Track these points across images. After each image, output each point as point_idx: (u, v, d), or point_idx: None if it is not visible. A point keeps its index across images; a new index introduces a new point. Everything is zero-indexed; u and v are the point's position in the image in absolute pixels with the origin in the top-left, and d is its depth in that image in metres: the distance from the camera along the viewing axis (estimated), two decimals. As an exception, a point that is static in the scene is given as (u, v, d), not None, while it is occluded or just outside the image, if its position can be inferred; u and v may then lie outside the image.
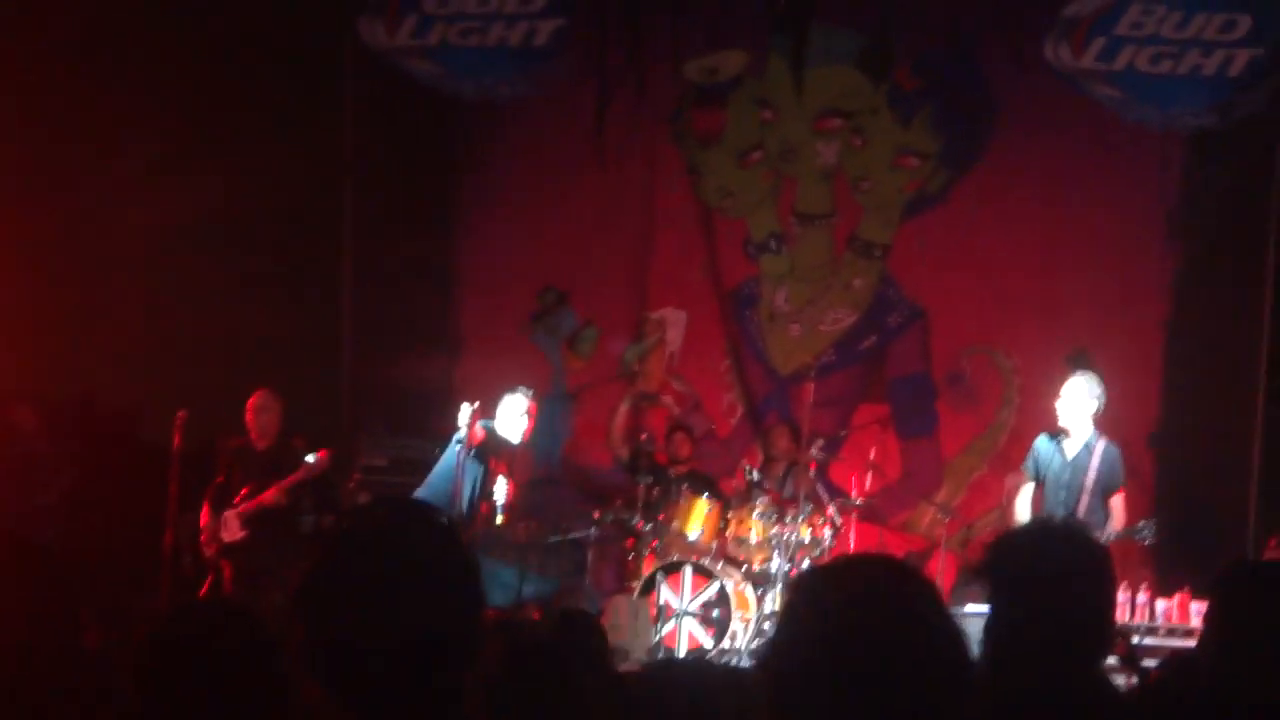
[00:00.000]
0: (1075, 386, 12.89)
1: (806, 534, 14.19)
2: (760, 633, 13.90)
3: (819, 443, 14.81)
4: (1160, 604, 13.61)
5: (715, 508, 14.45)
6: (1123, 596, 13.41)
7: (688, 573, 14.02)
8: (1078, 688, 4.26)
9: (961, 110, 16.26)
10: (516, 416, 13.48)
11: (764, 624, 13.96)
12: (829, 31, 16.23)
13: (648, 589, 14.03)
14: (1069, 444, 12.86)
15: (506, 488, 13.43)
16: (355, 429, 15.92)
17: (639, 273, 16.71)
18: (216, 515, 13.54)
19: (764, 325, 16.55)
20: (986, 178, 16.07)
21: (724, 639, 13.71)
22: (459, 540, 3.11)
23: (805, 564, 14.16)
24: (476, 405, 13.04)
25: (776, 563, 14.14)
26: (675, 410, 16.47)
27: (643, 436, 15.38)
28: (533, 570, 14.55)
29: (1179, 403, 15.53)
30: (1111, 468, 12.83)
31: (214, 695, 3.91)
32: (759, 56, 16.45)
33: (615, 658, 9.92)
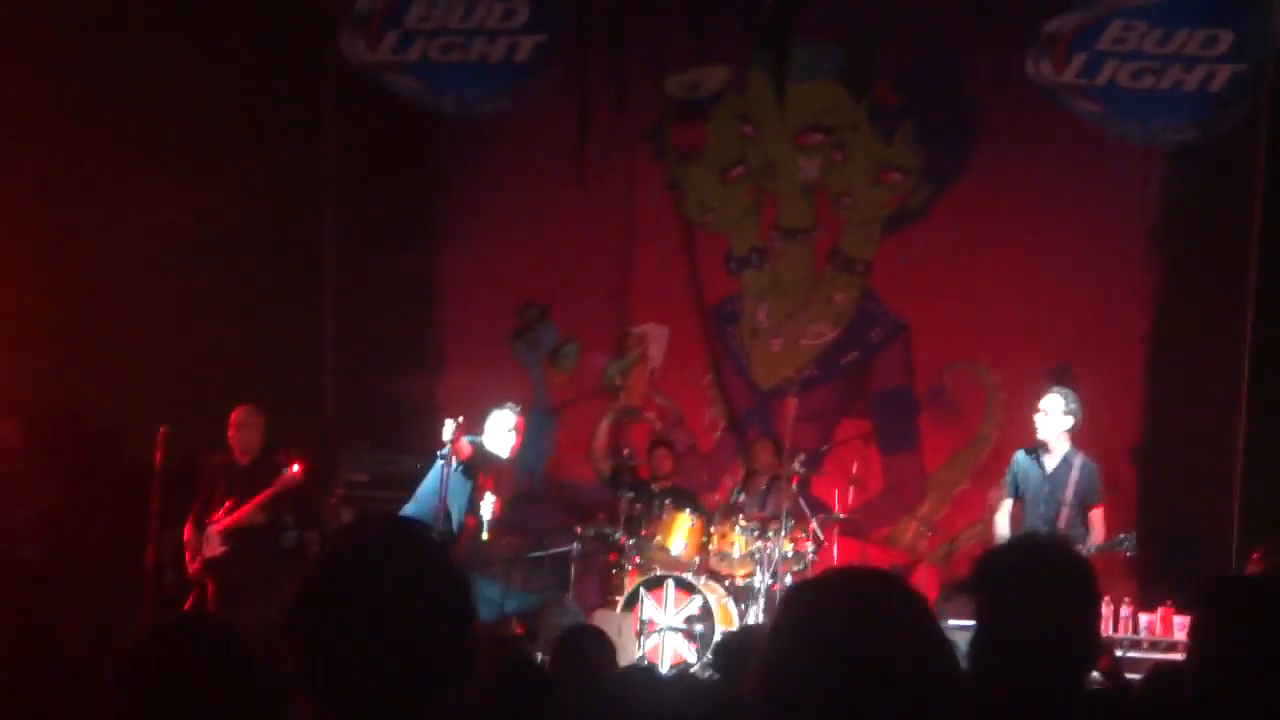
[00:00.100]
0: (1051, 402, 12.95)
1: (789, 548, 14.19)
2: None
3: (801, 457, 14.79)
4: (1143, 618, 13.63)
5: (698, 522, 14.44)
6: (1106, 610, 13.43)
7: (670, 587, 14.01)
8: (1063, 701, 4.26)
9: (943, 125, 16.28)
10: (504, 432, 13.44)
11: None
12: (810, 47, 16.24)
13: (630, 604, 14.02)
14: (1048, 459, 12.92)
15: (493, 503, 13.41)
16: (337, 444, 15.88)
17: (620, 288, 16.70)
18: (200, 531, 13.50)
19: (746, 340, 16.54)
20: (968, 193, 16.09)
21: (707, 653, 13.68)
22: (449, 556, 3.10)
23: (788, 579, 14.17)
24: (461, 420, 13.00)
25: (759, 577, 14.14)
26: (657, 425, 16.46)
27: (625, 452, 15.39)
28: (516, 585, 14.54)
29: (1161, 417, 15.54)
30: (1090, 482, 12.89)
31: (195, 712, 3.89)
32: (740, 72, 16.46)
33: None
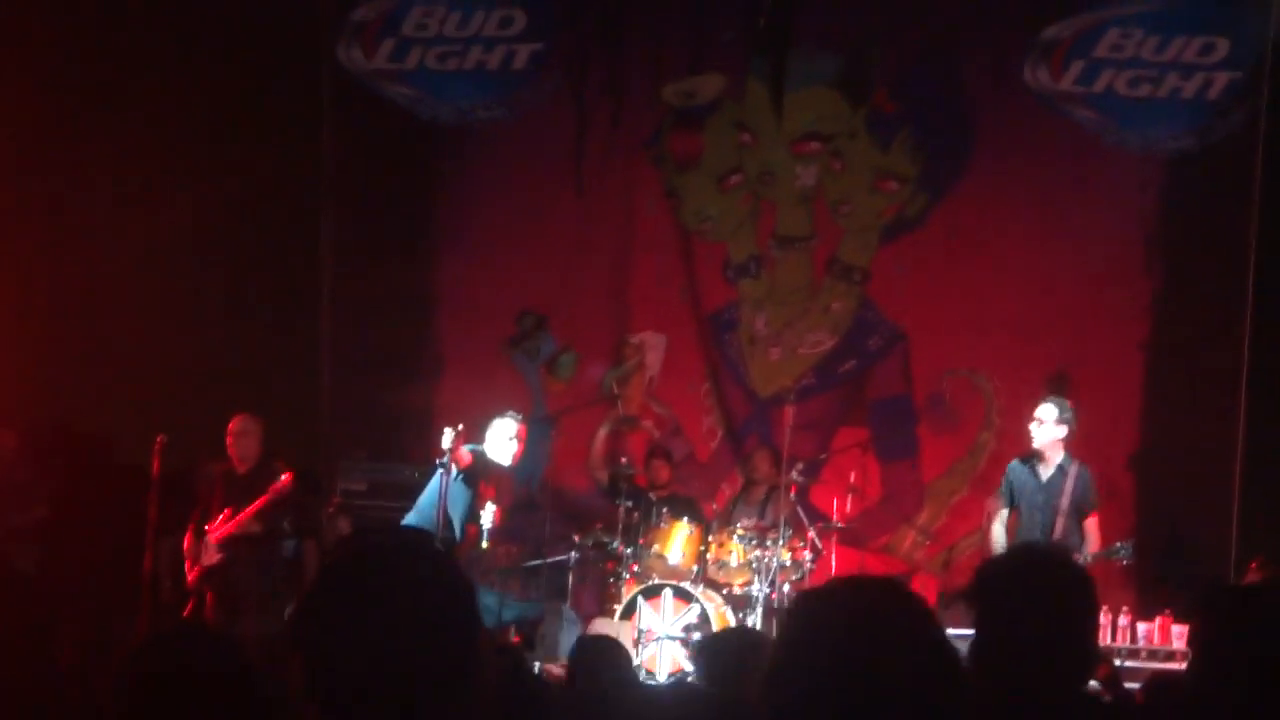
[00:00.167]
0: (1045, 411, 12.99)
1: (787, 557, 14.19)
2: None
3: (799, 466, 14.79)
4: (1141, 627, 13.62)
5: (696, 531, 14.43)
6: (1104, 619, 13.43)
7: (668, 596, 14.00)
8: (1061, 709, 4.26)
9: (940, 133, 16.28)
10: (506, 440, 13.47)
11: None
12: (807, 55, 16.23)
13: (628, 612, 14.00)
14: (1043, 468, 12.95)
15: (493, 512, 13.43)
16: (334, 453, 15.87)
17: (618, 296, 16.70)
18: (199, 540, 13.50)
19: (743, 348, 16.53)
20: (966, 201, 16.08)
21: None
22: (454, 565, 3.09)
23: (786, 587, 14.17)
24: (460, 429, 13.00)
25: (757, 586, 14.13)
26: (655, 434, 16.45)
27: (622, 460, 15.38)
28: (513, 594, 14.53)
29: (1159, 424, 15.53)
30: (1086, 490, 12.92)
31: (192, 720, 3.88)
32: (737, 80, 16.47)
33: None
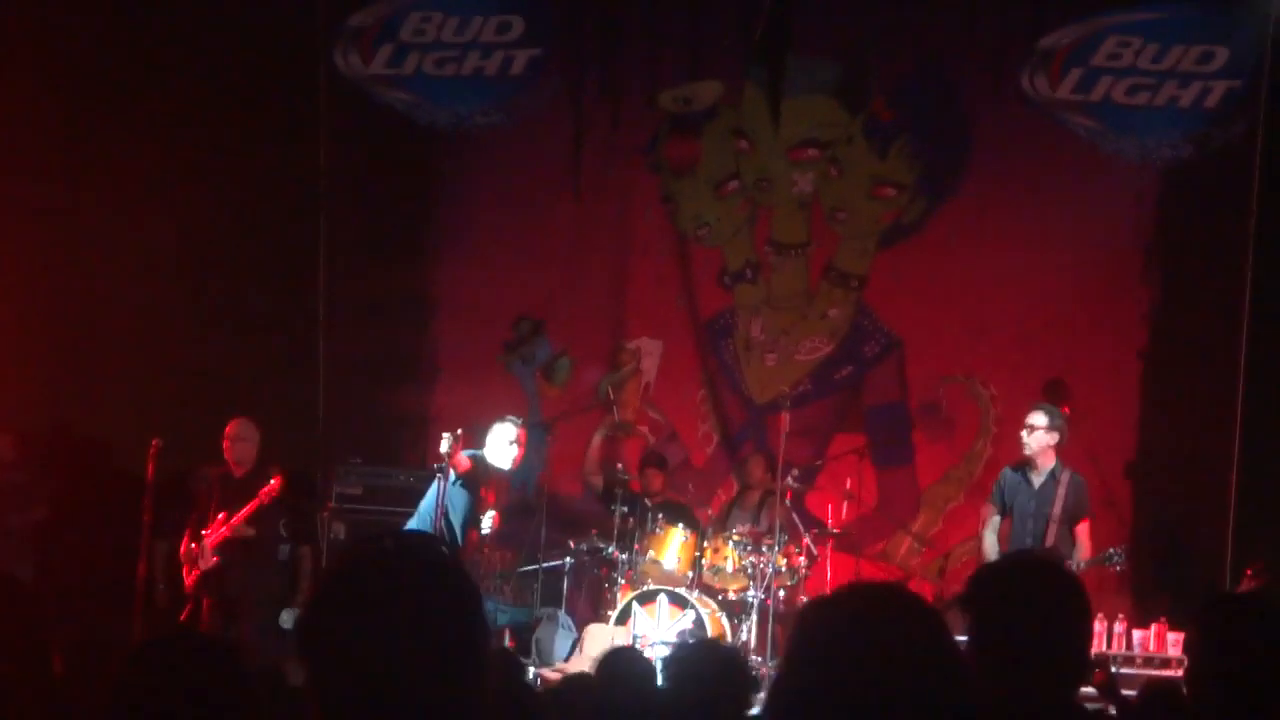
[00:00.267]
0: (1036, 418, 13.06)
1: (782, 563, 14.20)
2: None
3: (795, 472, 14.80)
4: (1137, 634, 13.64)
5: (691, 537, 14.45)
6: (1100, 626, 13.46)
7: (663, 601, 13.99)
8: (1054, 716, 4.26)
9: (938, 141, 16.28)
10: (506, 445, 13.49)
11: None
12: (805, 62, 16.23)
13: (623, 618, 14.00)
14: (1035, 475, 13.02)
15: (493, 518, 13.46)
16: (330, 457, 15.86)
17: (614, 302, 16.69)
18: (196, 544, 13.49)
19: (740, 355, 16.53)
20: (963, 208, 16.08)
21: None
22: (461, 570, 3.08)
23: (781, 593, 14.18)
24: (459, 434, 13.01)
25: (753, 592, 14.13)
26: (650, 440, 16.44)
27: (618, 465, 15.37)
28: (508, 599, 14.53)
29: (1156, 432, 15.53)
30: (1078, 497, 13.00)
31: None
32: (735, 86, 16.46)
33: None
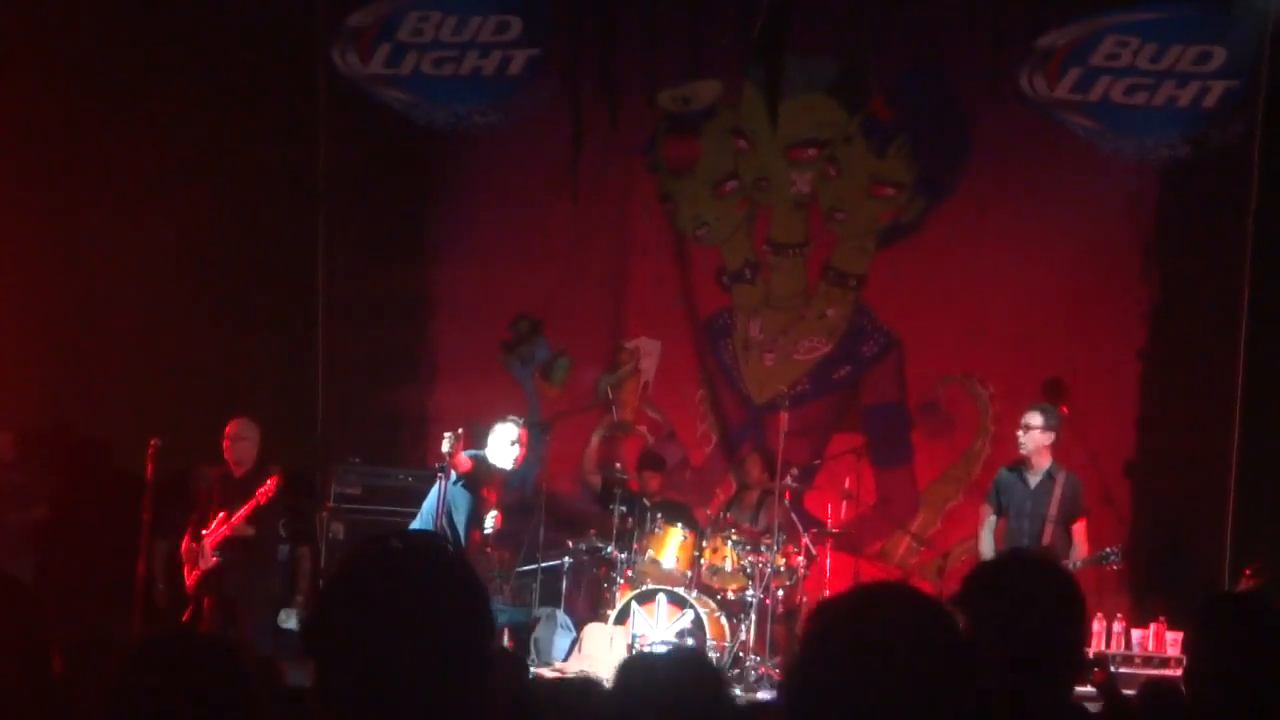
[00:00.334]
0: (1031, 418, 13.22)
1: (781, 563, 14.21)
2: (738, 660, 13.90)
3: (793, 472, 14.80)
4: (1136, 633, 13.66)
5: (690, 537, 14.45)
6: (1099, 626, 13.50)
7: (662, 601, 13.99)
8: (1047, 713, 4.27)
9: (936, 140, 16.28)
10: (508, 445, 13.54)
11: (738, 652, 13.97)
12: (804, 61, 16.24)
13: (622, 617, 14.00)
14: (1031, 475, 13.13)
15: (495, 518, 13.50)
16: (329, 457, 15.86)
17: (613, 302, 16.69)
18: (196, 544, 13.51)
19: (738, 354, 16.53)
20: (961, 208, 16.08)
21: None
22: (468, 569, 3.08)
23: (780, 593, 14.20)
24: (460, 433, 13.04)
25: (751, 592, 14.14)
26: (649, 439, 16.44)
27: (616, 465, 15.37)
28: (506, 599, 14.54)
29: (1155, 432, 15.54)
30: (1074, 497, 13.12)
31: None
32: (733, 86, 16.46)
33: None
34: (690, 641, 13.77)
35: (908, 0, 16.22)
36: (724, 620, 14.13)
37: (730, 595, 14.35)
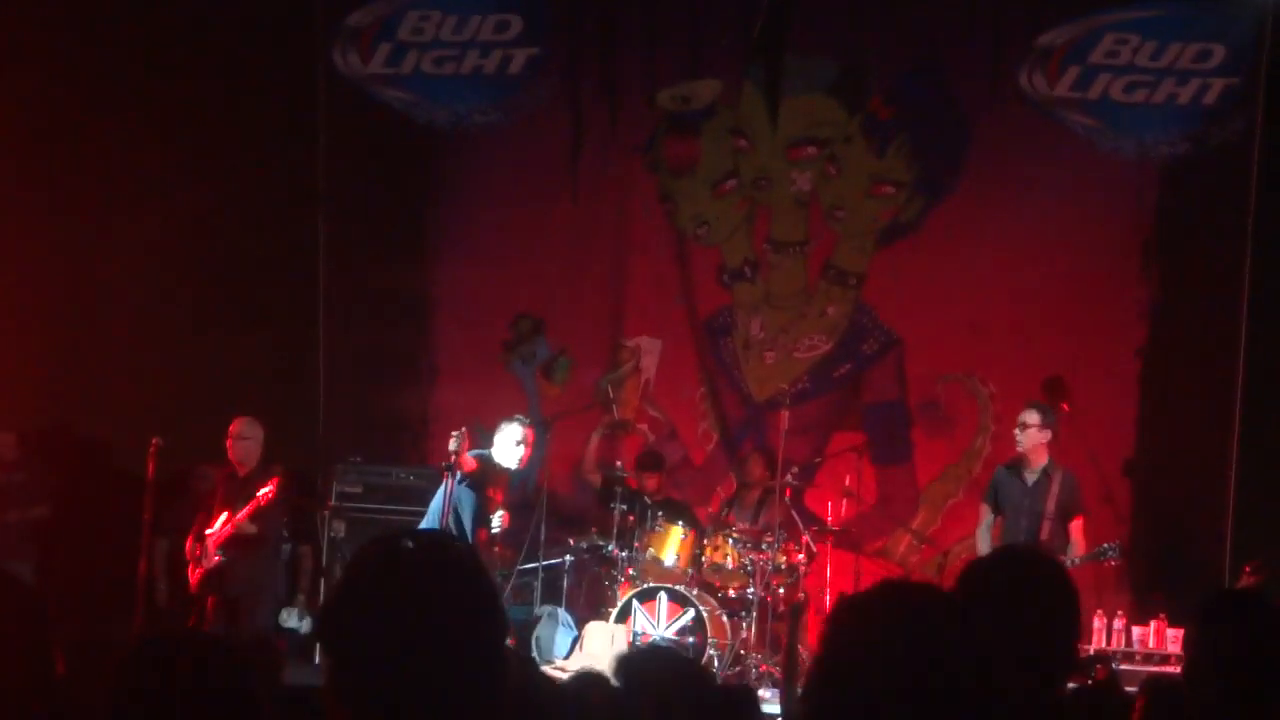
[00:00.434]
0: (1028, 416, 13.32)
1: (782, 561, 14.22)
2: (734, 658, 13.91)
3: (794, 470, 14.82)
4: (1136, 630, 13.66)
5: (690, 535, 14.47)
6: (1100, 623, 13.51)
7: (663, 599, 14.01)
8: (1040, 708, 4.27)
9: (936, 139, 16.28)
10: (513, 445, 13.59)
11: (739, 649, 13.99)
12: (803, 60, 16.24)
13: (623, 615, 14.02)
14: (1028, 473, 13.19)
15: (502, 516, 13.53)
16: (330, 457, 15.87)
17: (613, 301, 16.69)
18: (200, 543, 13.52)
19: (739, 353, 16.53)
20: (961, 206, 16.08)
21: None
22: (480, 567, 3.08)
23: (780, 591, 14.20)
24: (464, 432, 13.07)
25: (752, 589, 14.15)
26: (650, 438, 16.44)
27: (617, 464, 15.38)
28: (507, 597, 14.54)
29: (1155, 430, 15.54)
30: (1071, 494, 13.19)
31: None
32: (733, 85, 16.46)
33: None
34: (691, 640, 13.80)
35: (908, 0, 16.24)
36: (725, 618, 14.14)
37: (731, 593, 14.37)
